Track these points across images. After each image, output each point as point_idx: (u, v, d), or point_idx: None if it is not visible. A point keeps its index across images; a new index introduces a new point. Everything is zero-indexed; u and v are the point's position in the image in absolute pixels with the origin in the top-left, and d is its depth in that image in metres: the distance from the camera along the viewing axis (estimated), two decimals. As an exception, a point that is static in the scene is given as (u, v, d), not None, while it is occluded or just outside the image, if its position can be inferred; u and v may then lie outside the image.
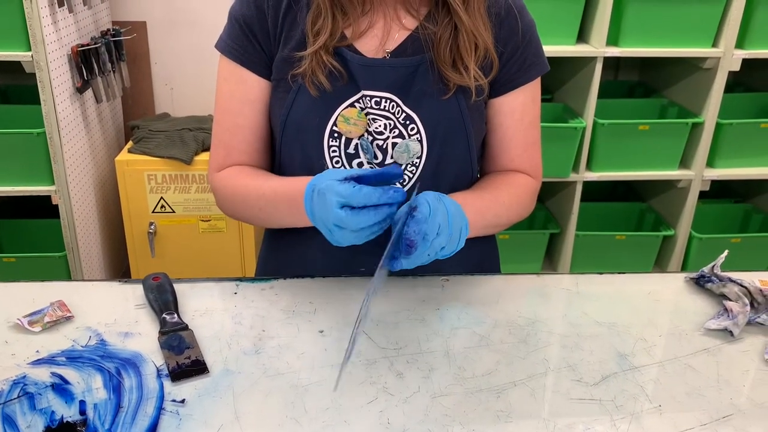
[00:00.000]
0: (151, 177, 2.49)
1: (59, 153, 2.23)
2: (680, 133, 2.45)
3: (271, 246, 1.13)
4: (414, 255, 0.79)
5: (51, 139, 2.21)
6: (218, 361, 0.83)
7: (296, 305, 0.95)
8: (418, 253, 0.80)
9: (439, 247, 0.81)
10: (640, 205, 2.83)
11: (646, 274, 1.05)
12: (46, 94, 2.15)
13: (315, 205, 0.82)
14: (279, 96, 0.99)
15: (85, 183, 2.47)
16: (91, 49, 2.34)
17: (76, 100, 2.36)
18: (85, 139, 2.46)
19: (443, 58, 0.95)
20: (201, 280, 1.00)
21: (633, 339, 0.89)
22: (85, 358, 0.83)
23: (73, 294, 0.96)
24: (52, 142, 2.21)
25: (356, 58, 0.95)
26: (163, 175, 2.49)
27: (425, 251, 0.80)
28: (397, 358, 0.84)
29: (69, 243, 2.36)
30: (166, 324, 0.88)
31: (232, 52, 0.99)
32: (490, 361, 0.84)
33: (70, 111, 2.30)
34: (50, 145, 2.21)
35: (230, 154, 1.03)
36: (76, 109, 2.36)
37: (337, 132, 0.97)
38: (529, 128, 1.05)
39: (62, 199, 2.31)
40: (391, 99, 0.96)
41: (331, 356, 0.84)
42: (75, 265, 2.40)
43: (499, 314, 0.94)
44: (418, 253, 0.80)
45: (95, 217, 2.58)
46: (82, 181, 2.43)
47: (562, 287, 1.02)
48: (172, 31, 2.80)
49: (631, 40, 2.33)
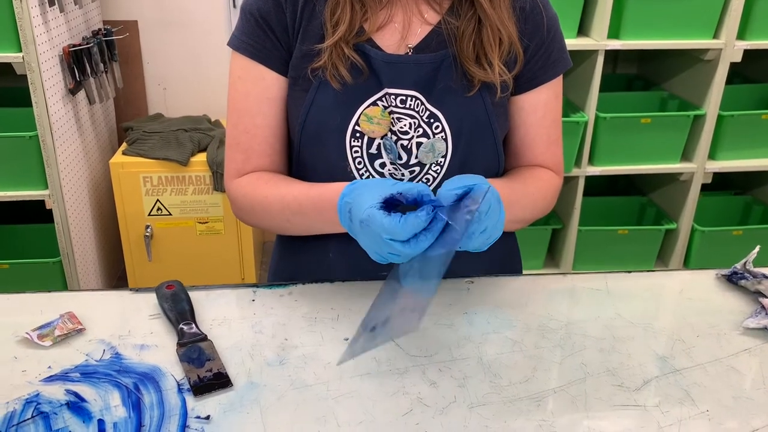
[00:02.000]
0: (146, 179, 2.44)
1: (52, 156, 2.18)
2: (682, 125, 2.44)
3: (284, 250, 1.08)
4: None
5: (44, 142, 2.15)
6: (241, 373, 0.79)
7: (318, 312, 0.91)
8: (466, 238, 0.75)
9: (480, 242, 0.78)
10: (641, 198, 2.82)
11: (676, 272, 1.03)
12: (38, 96, 2.10)
13: (360, 234, 0.78)
14: (297, 95, 0.95)
15: (79, 186, 2.41)
16: (83, 49, 2.29)
17: (69, 101, 2.30)
18: (78, 142, 2.40)
19: (467, 53, 0.91)
20: (216, 287, 0.96)
21: (670, 340, 0.86)
22: (100, 373, 0.79)
23: (82, 305, 0.91)
24: (45, 146, 2.16)
25: (379, 54, 0.91)
26: (159, 177, 2.44)
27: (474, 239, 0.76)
28: (429, 366, 0.80)
29: (64, 248, 2.31)
30: (185, 335, 0.84)
31: (247, 49, 0.94)
32: (527, 367, 0.81)
33: (62, 113, 2.24)
34: (43, 148, 2.16)
35: (249, 158, 0.98)
36: (69, 111, 2.31)
37: (359, 132, 0.93)
38: (551, 126, 1.01)
39: (56, 204, 2.25)
40: (416, 97, 0.92)
41: (360, 366, 0.80)
42: (70, 271, 2.35)
43: (530, 317, 0.90)
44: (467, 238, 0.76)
45: (90, 221, 2.52)
46: (76, 185, 2.38)
47: (590, 287, 0.98)
48: (165, 30, 2.74)
49: (633, 32, 2.31)
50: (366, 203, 0.76)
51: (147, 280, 2.59)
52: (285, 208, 0.93)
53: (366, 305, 0.91)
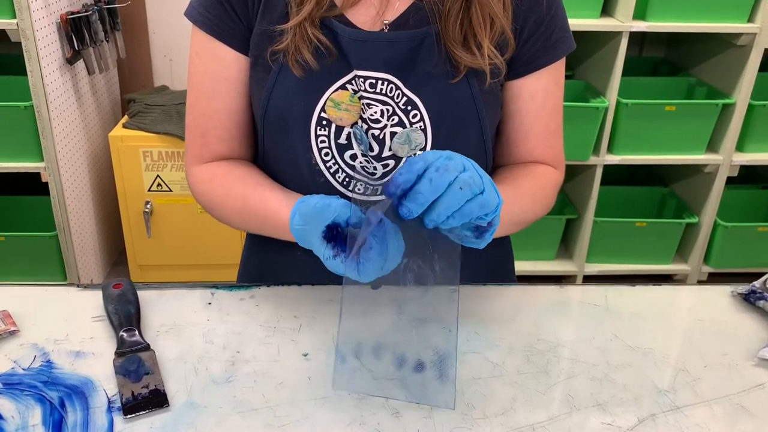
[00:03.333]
0: (146, 154, 2.37)
1: (48, 128, 2.10)
2: (709, 114, 2.30)
3: (253, 246, 0.99)
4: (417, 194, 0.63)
5: (39, 112, 2.08)
6: (181, 391, 0.70)
7: (278, 320, 0.82)
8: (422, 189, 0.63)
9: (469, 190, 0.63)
10: (662, 189, 2.69)
11: (686, 286, 0.92)
12: (33, 65, 2.02)
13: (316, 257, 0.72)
14: (258, 77, 0.85)
15: (77, 159, 2.34)
16: (81, 17, 2.20)
17: (67, 71, 2.22)
18: (77, 113, 2.33)
19: (452, 34, 0.80)
20: (171, 285, 0.87)
21: (673, 370, 0.76)
22: (25, 384, 0.71)
23: (23, 301, 0.83)
24: (40, 116, 2.09)
25: (347, 31, 0.81)
26: (159, 152, 2.36)
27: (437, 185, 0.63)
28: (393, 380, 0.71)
29: (60, 222, 2.25)
30: (124, 343, 0.75)
31: (205, 23, 0.84)
32: (505, 396, 0.71)
33: (60, 83, 2.16)
34: (38, 119, 2.09)
35: (207, 143, 0.89)
36: (67, 81, 2.23)
37: (325, 119, 0.83)
38: (551, 115, 0.90)
39: (52, 177, 2.18)
40: (389, 80, 0.82)
41: (316, 387, 0.71)
42: (66, 246, 2.29)
43: (515, 335, 0.80)
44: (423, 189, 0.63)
45: (89, 195, 2.45)
46: (74, 158, 2.31)
47: (588, 301, 0.88)
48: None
49: (660, 13, 2.17)
50: (311, 234, 0.71)
51: (147, 257, 2.53)
52: (241, 213, 0.86)
53: (333, 313, 0.82)
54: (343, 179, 0.86)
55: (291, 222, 0.73)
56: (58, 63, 2.16)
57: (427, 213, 0.64)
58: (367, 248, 0.64)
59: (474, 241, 0.69)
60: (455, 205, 0.63)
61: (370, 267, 0.65)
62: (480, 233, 0.68)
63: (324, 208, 0.70)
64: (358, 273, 0.66)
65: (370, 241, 0.64)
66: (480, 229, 0.68)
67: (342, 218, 0.69)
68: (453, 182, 0.63)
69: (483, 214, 0.65)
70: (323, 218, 0.70)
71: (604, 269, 2.54)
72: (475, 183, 0.64)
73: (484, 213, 0.65)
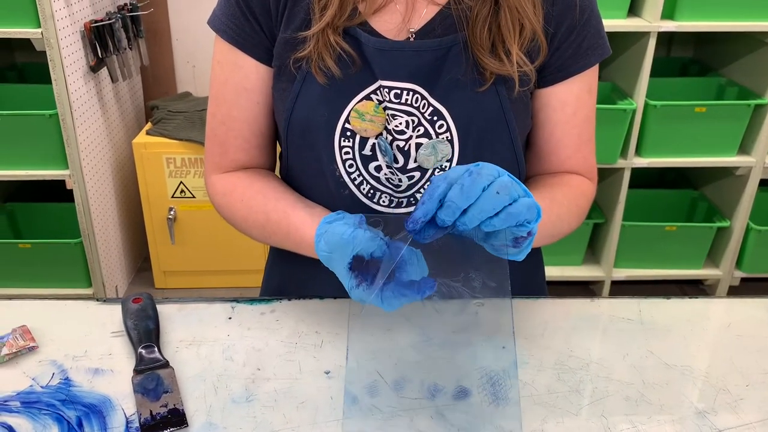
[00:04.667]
0: (169, 160, 2.37)
1: (72, 135, 2.11)
2: (741, 115, 2.24)
3: (276, 258, 0.97)
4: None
5: (63, 120, 2.09)
6: (201, 410, 0.68)
7: (300, 335, 0.80)
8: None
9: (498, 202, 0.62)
10: (692, 192, 2.63)
11: (724, 299, 0.88)
12: (58, 73, 2.03)
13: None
14: (282, 86, 0.83)
15: (102, 166, 2.35)
16: (105, 25, 2.21)
17: (91, 79, 2.23)
18: (101, 121, 2.34)
19: (480, 40, 0.77)
20: (191, 300, 0.86)
21: (713, 389, 0.72)
22: (43, 402, 0.69)
23: (42, 316, 0.82)
24: (65, 124, 2.09)
25: (372, 40, 0.78)
26: (182, 158, 2.37)
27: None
28: (421, 411, 0.68)
29: (84, 229, 2.26)
30: (143, 360, 0.74)
31: (226, 32, 0.82)
32: (535, 417, 0.68)
33: (83, 91, 2.17)
34: (63, 127, 2.10)
35: (227, 152, 0.88)
36: (91, 88, 2.24)
37: (350, 130, 0.80)
38: (583, 124, 0.87)
39: (77, 184, 2.19)
40: (415, 90, 0.79)
41: (339, 408, 0.68)
42: (91, 252, 2.30)
43: (546, 352, 0.77)
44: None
45: (113, 202, 2.46)
46: (99, 165, 2.32)
47: (620, 315, 0.85)
48: (194, 5, 2.65)
49: (689, 12, 2.12)
50: (338, 261, 0.69)
51: (171, 263, 2.54)
52: (263, 229, 0.84)
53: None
54: (368, 191, 0.83)
55: (316, 246, 0.72)
56: (82, 71, 2.17)
57: (460, 217, 0.62)
58: (389, 280, 0.64)
59: (513, 252, 0.66)
60: (490, 210, 0.62)
61: (393, 298, 0.64)
62: (518, 244, 0.65)
63: (350, 240, 0.68)
64: (382, 303, 0.65)
65: (391, 273, 0.63)
66: (519, 241, 0.65)
67: (367, 252, 0.67)
68: (488, 187, 0.62)
69: (527, 219, 0.63)
70: (348, 250, 0.68)
71: (633, 275, 2.48)
72: (513, 187, 0.63)
73: (529, 218, 0.63)
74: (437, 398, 0.68)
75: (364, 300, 0.66)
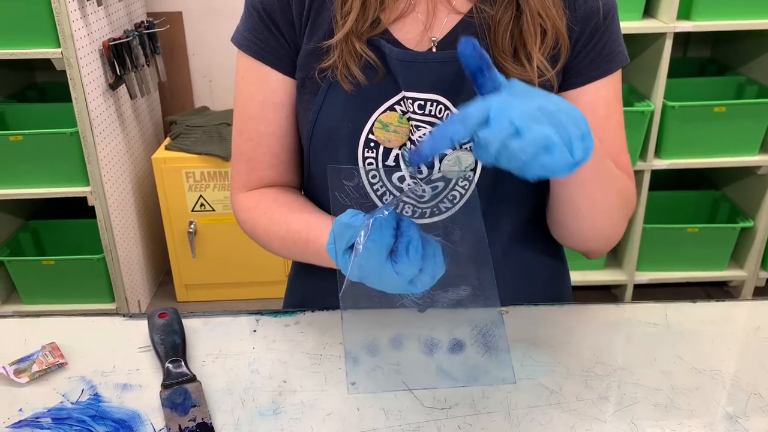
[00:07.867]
0: (189, 174, 2.39)
1: (93, 153, 2.14)
2: (761, 113, 2.22)
3: (299, 270, 0.98)
4: None
5: (84, 138, 2.12)
6: (229, 424, 0.69)
7: (324, 347, 0.80)
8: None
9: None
10: (713, 193, 2.60)
11: (752, 302, 0.87)
12: (78, 91, 2.06)
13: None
14: (305, 98, 0.83)
15: (123, 182, 2.38)
16: (123, 42, 2.24)
17: (110, 96, 2.26)
18: (121, 137, 2.36)
19: (502, 46, 0.77)
20: (216, 314, 0.86)
21: (744, 394, 0.71)
22: (73, 418, 0.70)
23: (70, 332, 0.83)
24: (86, 142, 2.12)
25: (395, 51, 0.78)
26: (201, 172, 2.38)
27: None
28: (446, 422, 0.68)
29: (107, 245, 2.28)
30: (171, 375, 0.74)
31: (250, 47, 0.83)
32: (564, 426, 0.67)
33: (103, 108, 2.20)
34: (84, 144, 2.13)
35: (254, 169, 0.88)
36: (110, 106, 2.27)
37: (373, 141, 0.81)
38: (617, 131, 0.85)
39: (98, 200, 2.22)
40: (439, 101, 0.79)
41: (366, 419, 0.69)
42: (113, 268, 2.32)
43: (572, 359, 0.77)
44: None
45: (134, 217, 2.49)
46: (119, 181, 2.34)
47: (647, 320, 0.84)
48: (210, 21, 2.68)
49: (705, 12, 2.11)
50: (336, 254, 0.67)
51: (192, 277, 2.55)
52: (284, 239, 0.84)
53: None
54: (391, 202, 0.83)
55: (327, 245, 0.70)
56: (102, 89, 2.19)
57: None
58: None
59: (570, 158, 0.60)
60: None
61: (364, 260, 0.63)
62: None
63: (351, 224, 0.66)
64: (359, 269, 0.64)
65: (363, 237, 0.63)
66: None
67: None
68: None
69: (573, 123, 0.59)
70: (348, 235, 0.66)
71: (656, 277, 2.46)
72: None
73: (576, 122, 0.59)
74: (435, 353, 0.68)
75: (349, 274, 0.65)
